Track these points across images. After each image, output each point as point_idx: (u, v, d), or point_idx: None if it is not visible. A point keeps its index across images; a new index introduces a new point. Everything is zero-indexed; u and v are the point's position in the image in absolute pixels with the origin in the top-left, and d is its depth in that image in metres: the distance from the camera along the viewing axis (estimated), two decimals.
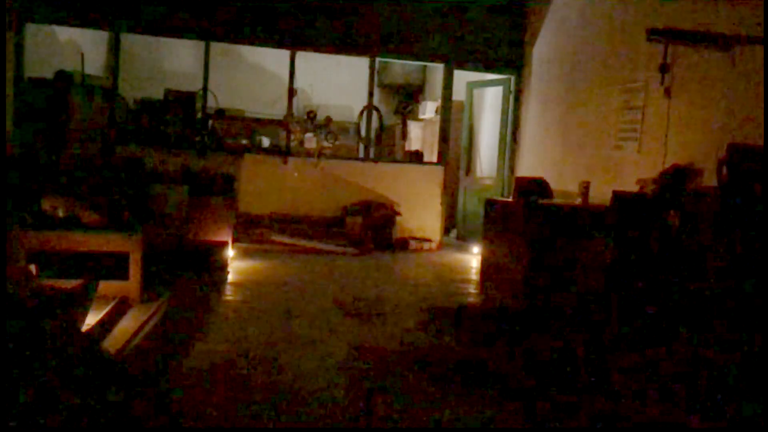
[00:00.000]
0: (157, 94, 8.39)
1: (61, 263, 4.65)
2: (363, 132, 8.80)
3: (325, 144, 8.48)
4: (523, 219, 5.73)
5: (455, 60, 8.88)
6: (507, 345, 4.52)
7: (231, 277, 6.17)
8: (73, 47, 8.41)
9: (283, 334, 4.42)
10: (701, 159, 5.33)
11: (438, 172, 8.90)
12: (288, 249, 7.87)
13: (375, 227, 8.31)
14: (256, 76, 10.75)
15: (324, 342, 4.30)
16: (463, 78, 9.39)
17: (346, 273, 6.81)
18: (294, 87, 8.56)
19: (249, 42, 8.55)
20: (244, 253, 7.35)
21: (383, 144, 9.44)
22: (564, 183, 7.18)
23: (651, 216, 4.95)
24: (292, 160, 8.38)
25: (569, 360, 4.22)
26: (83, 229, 4.80)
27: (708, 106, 5.43)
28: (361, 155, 9.05)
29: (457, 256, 8.41)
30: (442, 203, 8.90)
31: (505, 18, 8.93)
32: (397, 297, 5.81)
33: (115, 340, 3.85)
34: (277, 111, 9.07)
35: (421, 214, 8.81)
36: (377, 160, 8.87)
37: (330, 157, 8.55)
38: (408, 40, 8.68)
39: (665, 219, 4.79)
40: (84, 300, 3.73)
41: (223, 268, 6.35)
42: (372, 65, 8.76)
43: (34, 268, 4.21)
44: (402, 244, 8.55)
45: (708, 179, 5.13)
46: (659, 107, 5.98)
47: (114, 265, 4.76)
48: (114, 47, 8.04)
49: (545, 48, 8.42)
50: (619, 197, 5.34)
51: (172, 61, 10.30)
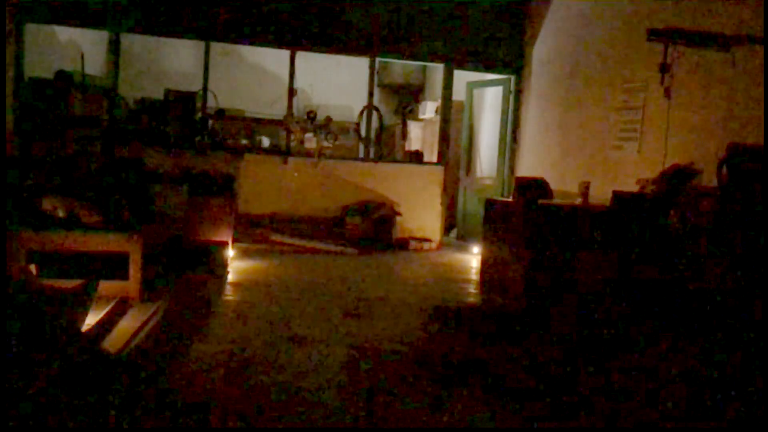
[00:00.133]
0: (157, 94, 8.39)
1: (61, 263, 4.65)
2: (363, 132, 8.80)
3: (325, 144, 8.48)
4: (523, 219, 5.73)
5: (455, 60, 8.88)
6: (507, 345, 4.52)
7: (231, 277, 6.17)
8: (73, 47, 8.42)
9: (283, 333, 4.42)
10: (701, 159, 5.33)
11: (438, 172, 8.90)
12: (288, 249, 7.87)
13: (375, 227, 8.32)
14: (256, 76, 10.75)
15: (324, 342, 4.30)
16: (463, 78, 9.39)
17: (346, 273, 6.81)
18: (294, 87, 8.56)
19: (249, 42, 8.55)
20: (244, 253, 7.35)
21: (383, 144, 9.44)
22: (564, 183, 7.18)
23: (651, 216, 4.95)
24: (292, 160, 8.38)
25: (569, 360, 4.22)
26: (83, 229, 4.80)
27: (708, 106, 5.43)
28: (361, 155, 9.05)
29: (457, 256, 8.40)
30: (442, 203, 8.90)
31: (505, 18, 8.93)
32: (397, 297, 5.81)
33: (115, 340, 3.85)
34: (277, 111, 9.07)
35: (421, 214, 8.81)
36: (377, 160, 8.88)
37: (330, 157, 8.55)
38: (408, 40, 8.68)
39: (665, 219, 4.79)
40: (84, 300, 3.73)
41: (223, 267, 6.36)
42: (372, 65, 8.76)
43: (34, 268, 4.21)
44: (402, 244, 8.55)
45: (708, 179, 5.13)
46: (659, 107, 5.98)
47: (114, 265, 4.77)
48: (114, 47, 8.04)
49: (545, 48, 8.42)
50: (619, 197, 5.35)
51: (172, 61, 10.30)
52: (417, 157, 9.28)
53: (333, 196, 8.47)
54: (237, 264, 6.76)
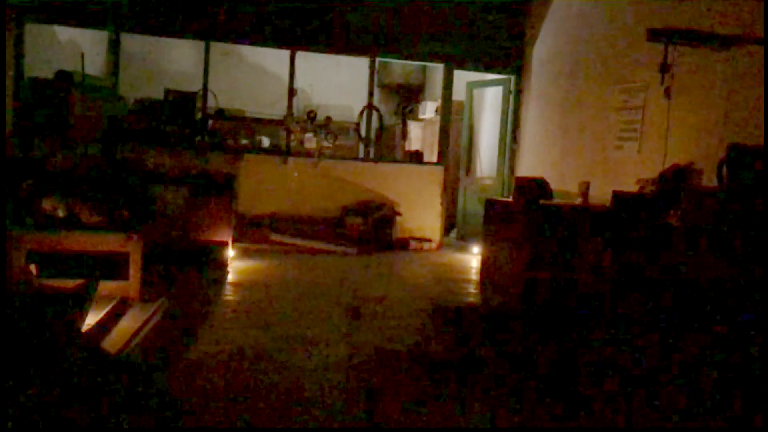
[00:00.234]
0: (157, 94, 8.39)
1: (61, 263, 4.65)
2: (363, 132, 8.80)
3: (325, 144, 8.48)
4: (523, 219, 5.73)
5: (455, 60, 8.89)
6: (507, 345, 4.52)
7: (231, 277, 6.17)
8: (73, 47, 8.41)
9: (283, 333, 4.42)
10: (701, 159, 5.33)
11: (438, 172, 8.90)
12: (288, 249, 7.88)
13: (375, 227, 8.31)
14: (256, 76, 10.75)
15: (324, 342, 4.30)
16: (463, 78, 9.39)
17: (346, 273, 6.81)
18: (294, 87, 8.56)
19: (249, 42, 8.55)
20: (244, 253, 7.35)
21: (383, 144, 9.44)
22: (564, 183, 7.18)
23: (651, 216, 4.95)
24: (292, 160, 8.39)
25: (569, 360, 4.22)
26: (83, 229, 4.80)
27: (708, 106, 5.43)
28: (361, 155, 9.05)
29: (457, 256, 8.41)
30: (442, 203, 8.90)
31: (505, 18, 8.93)
32: (397, 297, 5.81)
33: (115, 340, 3.85)
34: (277, 111, 9.07)
35: (421, 214, 8.81)
36: (377, 160, 8.88)
37: (330, 157, 8.55)
38: (408, 40, 8.68)
39: (665, 219, 4.80)
40: (84, 300, 3.73)
41: (223, 267, 6.36)
42: (372, 65, 8.76)
43: (34, 268, 4.21)
44: (402, 244, 8.55)
45: (708, 179, 5.13)
46: (659, 107, 5.98)
47: (114, 265, 4.77)
48: (114, 47, 8.04)
49: (545, 48, 8.42)
50: (619, 197, 5.35)
51: (172, 61, 10.30)
52: (417, 157, 9.28)
53: (333, 196, 8.47)
54: (237, 264, 6.76)
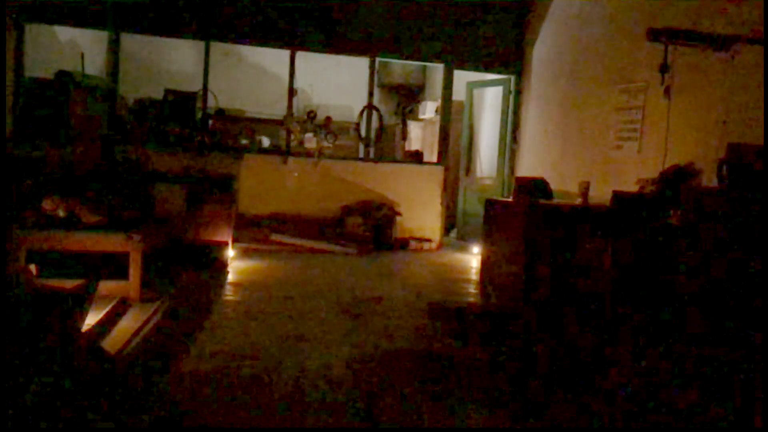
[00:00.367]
0: (157, 94, 8.39)
1: (61, 263, 4.65)
2: (363, 132, 8.80)
3: (325, 144, 8.48)
4: (523, 219, 5.73)
5: (455, 60, 8.89)
6: (507, 345, 4.52)
7: (231, 277, 6.17)
8: (73, 47, 8.42)
9: (284, 333, 4.42)
10: (701, 159, 5.33)
11: (438, 172, 8.90)
12: (288, 249, 7.87)
13: (375, 227, 8.31)
14: (256, 76, 10.75)
15: (324, 342, 4.30)
16: (463, 78, 9.39)
17: (346, 273, 6.81)
18: (294, 87, 8.57)
19: (249, 42, 8.55)
20: (244, 253, 7.35)
21: (383, 144, 9.44)
22: (564, 183, 7.18)
23: (651, 216, 4.95)
24: (292, 160, 8.39)
25: (569, 360, 4.22)
26: (83, 229, 4.80)
27: (708, 106, 5.43)
28: (361, 155, 9.05)
29: (457, 256, 8.41)
30: (442, 203, 8.90)
31: (505, 18, 8.93)
32: (397, 297, 5.81)
33: (115, 340, 3.85)
34: (277, 111, 9.07)
35: (421, 214, 8.81)
36: (377, 160, 8.88)
37: (330, 157, 8.55)
38: (408, 40, 8.68)
39: (665, 219, 4.79)
40: (84, 300, 3.73)
41: (223, 267, 6.36)
42: (372, 65, 8.76)
43: (34, 268, 4.21)
44: (402, 244, 8.55)
45: (708, 179, 5.13)
46: (659, 107, 5.98)
47: (114, 265, 4.77)
48: (114, 47, 8.04)
49: (545, 48, 8.42)
50: (619, 197, 5.34)
51: (172, 61, 10.29)
52: (417, 157, 9.29)
53: (333, 196, 8.47)
54: (237, 264, 6.76)
